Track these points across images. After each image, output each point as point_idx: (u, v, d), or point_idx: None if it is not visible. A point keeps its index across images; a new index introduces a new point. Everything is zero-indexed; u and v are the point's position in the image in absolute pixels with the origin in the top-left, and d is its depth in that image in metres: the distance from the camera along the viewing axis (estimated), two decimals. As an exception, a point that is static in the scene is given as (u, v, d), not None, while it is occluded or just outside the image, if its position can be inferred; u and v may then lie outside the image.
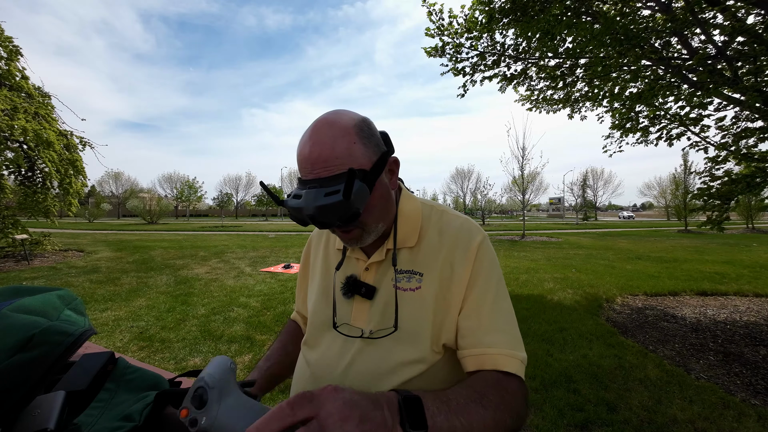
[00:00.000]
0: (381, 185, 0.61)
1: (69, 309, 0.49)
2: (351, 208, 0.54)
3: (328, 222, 0.57)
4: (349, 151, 0.56)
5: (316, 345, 0.71)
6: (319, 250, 0.80)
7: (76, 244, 10.05)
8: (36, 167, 7.02)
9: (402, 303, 0.63)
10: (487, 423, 0.49)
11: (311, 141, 0.57)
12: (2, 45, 6.48)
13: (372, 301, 0.66)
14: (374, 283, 0.67)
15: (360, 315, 0.66)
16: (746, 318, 3.63)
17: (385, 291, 0.65)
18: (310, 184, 0.56)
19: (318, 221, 0.57)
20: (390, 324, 0.62)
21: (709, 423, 1.88)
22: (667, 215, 36.38)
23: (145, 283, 5.14)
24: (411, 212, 0.69)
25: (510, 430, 0.52)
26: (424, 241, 0.67)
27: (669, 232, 19.15)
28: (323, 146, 0.56)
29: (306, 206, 0.55)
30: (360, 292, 0.66)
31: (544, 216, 70.70)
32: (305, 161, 0.57)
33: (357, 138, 0.57)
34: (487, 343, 0.59)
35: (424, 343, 0.61)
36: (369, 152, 0.59)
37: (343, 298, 0.69)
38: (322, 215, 0.55)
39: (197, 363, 2.58)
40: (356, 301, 0.67)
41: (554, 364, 2.53)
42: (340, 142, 0.56)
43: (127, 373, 0.53)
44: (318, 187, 0.55)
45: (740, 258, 8.01)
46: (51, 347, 0.40)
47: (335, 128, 0.57)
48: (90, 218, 32.94)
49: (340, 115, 0.59)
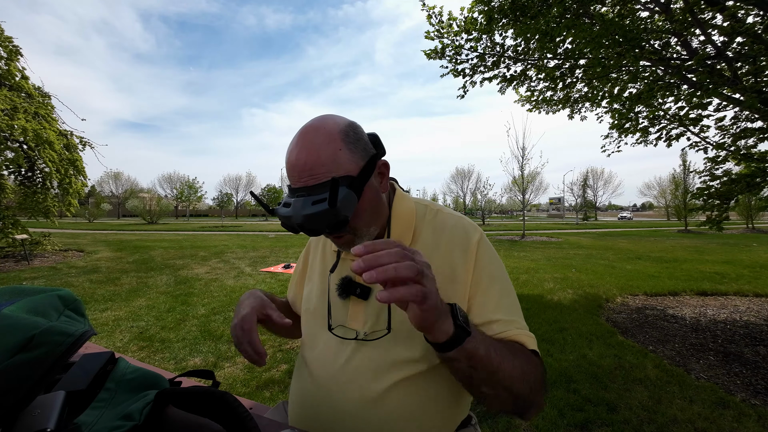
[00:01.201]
0: (370, 189, 0.61)
1: (69, 310, 0.49)
2: (338, 216, 0.54)
3: (317, 230, 0.57)
4: (335, 157, 0.56)
5: (313, 346, 0.71)
6: (318, 252, 0.81)
7: (76, 244, 10.06)
8: (36, 167, 7.02)
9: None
10: (514, 369, 0.53)
11: (297, 148, 0.57)
12: (2, 45, 6.47)
13: (367, 302, 0.66)
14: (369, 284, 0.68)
15: (356, 316, 0.67)
16: (746, 318, 3.63)
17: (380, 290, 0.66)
18: (299, 193, 0.57)
19: (306, 229, 0.57)
20: (385, 325, 0.63)
21: (709, 423, 1.88)
22: (667, 215, 36.38)
23: (145, 283, 5.14)
24: (404, 212, 0.69)
25: (527, 395, 0.55)
26: (419, 241, 0.67)
27: (669, 232, 19.16)
28: (309, 154, 0.56)
29: (294, 215, 0.56)
30: (355, 292, 0.67)
31: (544, 216, 70.74)
32: (292, 169, 0.58)
33: (343, 144, 0.57)
34: (503, 330, 0.60)
35: (422, 343, 0.61)
36: (356, 157, 0.59)
37: (339, 299, 0.69)
38: (310, 223, 0.56)
39: (197, 363, 2.58)
40: (352, 302, 0.68)
41: (554, 364, 2.53)
42: (325, 149, 0.56)
43: (127, 373, 0.53)
44: (306, 195, 0.56)
45: (740, 258, 8.01)
46: (51, 348, 0.40)
47: (320, 135, 0.57)
48: (90, 218, 32.95)
49: (326, 122, 0.59)
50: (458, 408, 0.69)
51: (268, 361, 2.58)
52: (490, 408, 0.56)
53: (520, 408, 0.56)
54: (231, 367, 2.52)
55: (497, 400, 0.55)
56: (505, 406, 0.56)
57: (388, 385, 0.61)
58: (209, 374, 0.61)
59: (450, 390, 0.66)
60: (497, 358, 0.51)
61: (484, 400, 0.55)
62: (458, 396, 0.68)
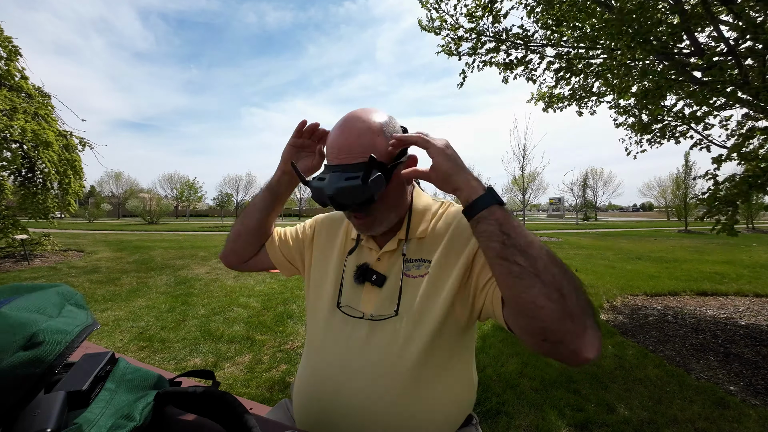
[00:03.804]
0: (397, 178, 0.66)
1: (70, 304, 0.49)
2: (366, 193, 0.59)
3: (345, 203, 0.62)
4: (373, 142, 0.62)
5: (322, 328, 0.72)
6: (333, 237, 0.82)
7: (76, 245, 10.05)
8: (36, 168, 7.01)
9: (409, 289, 0.67)
10: (552, 256, 0.51)
11: (340, 131, 0.64)
12: (2, 45, 6.47)
13: (381, 289, 0.69)
14: (385, 272, 0.70)
15: (368, 302, 0.69)
16: (746, 318, 3.63)
17: (395, 279, 0.69)
18: (334, 169, 0.62)
19: (336, 201, 0.62)
20: (393, 309, 0.66)
21: (709, 423, 1.88)
22: (667, 215, 36.37)
23: (145, 283, 5.14)
24: (423, 207, 0.74)
25: (573, 294, 0.48)
26: (434, 231, 0.71)
27: (669, 232, 19.16)
28: (350, 136, 0.63)
29: (327, 186, 0.61)
30: (371, 279, 0.70)
31: (544, 216, 70.66)
32: (332, 147, 0.64)
33: (381, 132, 0.64)
34: None
35: (431, 323, 0.64)
36: (391, 148, 0.64)
37: (354, 283, 0.72)
38: (340, 196, 0.60)
39: (197, 363, 2.58)
40: (366, 288, 0.70)
41: (554, 364, 2.53)
42: (366, 135, 0.62)
43: (127, 373, 0.53)
44: (341, 171, 0.61)
45: (740, 258, 8.01)
46: (52, 346, 0.40)
47: (363, 122, 0.64)
48: (90, 218, 32.93)
49: (369, 113, 0.66)
50: (461, 406, 0.69)
51: (268, 361, 2.58)
52: (531, 301, 0.48)
53: (568, 310, 0.47)
54: (231, 367, 2.52)
55: (537, 283, 0.48)
56: (549, 299, 0.47)
57: (394, 379, 0.62)
58: (209, 374, 0.61)
59: (454, 388, 0.67)
60: (532, 235, 0.52)
61: (521, 282, 0.49)
62: (461, 394, 0.69)
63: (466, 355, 0.70)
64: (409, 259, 0.69)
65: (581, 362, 0.48)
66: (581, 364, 0.49)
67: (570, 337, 0.47)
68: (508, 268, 0.50)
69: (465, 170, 0.58)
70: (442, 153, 0.58)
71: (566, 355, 0.49)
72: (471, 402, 0.72)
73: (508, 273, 0.50)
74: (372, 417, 0.61)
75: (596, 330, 0.49)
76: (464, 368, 0.70)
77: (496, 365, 2.52)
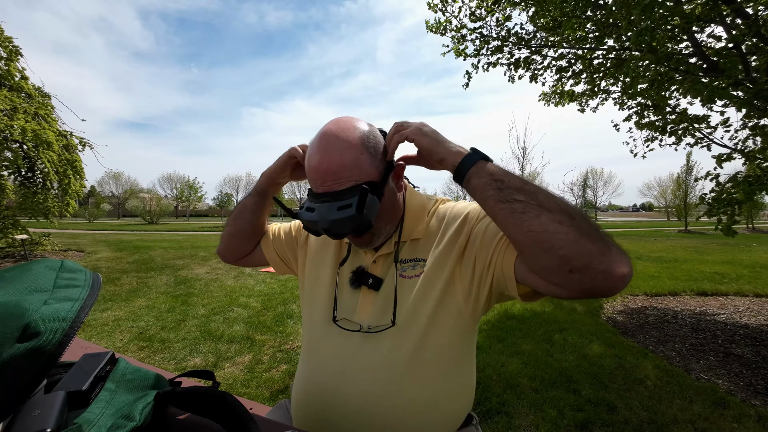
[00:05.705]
0: (389, 191, 0.64)
1: (63, 272, 0.47)
2: (363, 221, 0.57)
3: (342, 233, 0.60)
4: (357, 162, 0.59)
5: (317, 339, 0.72)
6: (329, 240, 0.81)
7: (76, 245, 10.04)
8: (36, 168, 7.01)
9: (404, 292, 0.66)
10: (551, 194, 0.51)
11: (319, 153, 0.59)
12: (2, 45, 6.47)
13: (378, 293, 0.68)
14: (381, 275, 0.69)
15: (365, 307, 0.68)
16: (746, 318, 3.63)
17: (391, 282, 0.68)
18: (322, 198, 0.59)
19: (332, 233, 0.60)
20: (389, 319, 0.64)
21: (709, 423, 1.88)
22: (667, 215, 36.36)
23: (145, 283, 5.14)
24: (417, 207, 0.73)
25: (582, 225, 0.47)
26: (428, 229, 0.71)
27: (669, 232, 19.15)
28: (332, 160, 0.58)
29: (320, 220, 0.58)
30: (367, 283, 0.69)
31: (544, 216, 70.42)
32: (315, 173, 0.60)
33: (364, 149, 0.60)
34: None
35: (428, 339, 0.63)
36: (376, 161, 0.61)
37: (350, 288, 0.71)
38: (336, 228, 0.58)
39: (197, 363, 2.58)
40: (362, 293, 0.70)
41: (554, 364, 2.53)
42: (347, 155, 0.58)
43: (127, 373, 0.53)
44: (330, 201, 0.58)
45: (740, 258, 8.01)
46: (49, 335, 0.38)
47: (342, 140, 0.59)
48: (90, 218, 32.94)
49: (346, 126, 0.61)
50: (461, 406, 0.69)
51: (268, 361, 2.58)
52: (542, 231, 0.46)
53: (583, 229, 0.46)
54: (231, 367, 2.52)
55: (543, 212, 0.47)
56: (560, 222, 0.46)
57: (394, 381, 0.62)
58: (209, 374, 0.61)
59: (454, 388, 0.66)
60: (526, 179, 0.53)
61: (527, 216, 0.48)
62: (461, 394, 0.68)
63: (466, 354, 0.70)
64: (403, 259, 0.69)
65: (617, 281, 0.44)
66: (619, 286, 0.44)
67: (595, 256, 0.44)
68: (510, 207, 0.49)
69: (445, 141, 0.59)
70: (419, 132, 0.60)
71: (600, 280, 0.44)
72: (471, 402, 0.72)
73: (512, 213, 0.49)
74: (371, 417, 0.61)
75: (620, 247, 0.46)
76: (464, 368, 0.70)
77: (496, 365, 2.52)
